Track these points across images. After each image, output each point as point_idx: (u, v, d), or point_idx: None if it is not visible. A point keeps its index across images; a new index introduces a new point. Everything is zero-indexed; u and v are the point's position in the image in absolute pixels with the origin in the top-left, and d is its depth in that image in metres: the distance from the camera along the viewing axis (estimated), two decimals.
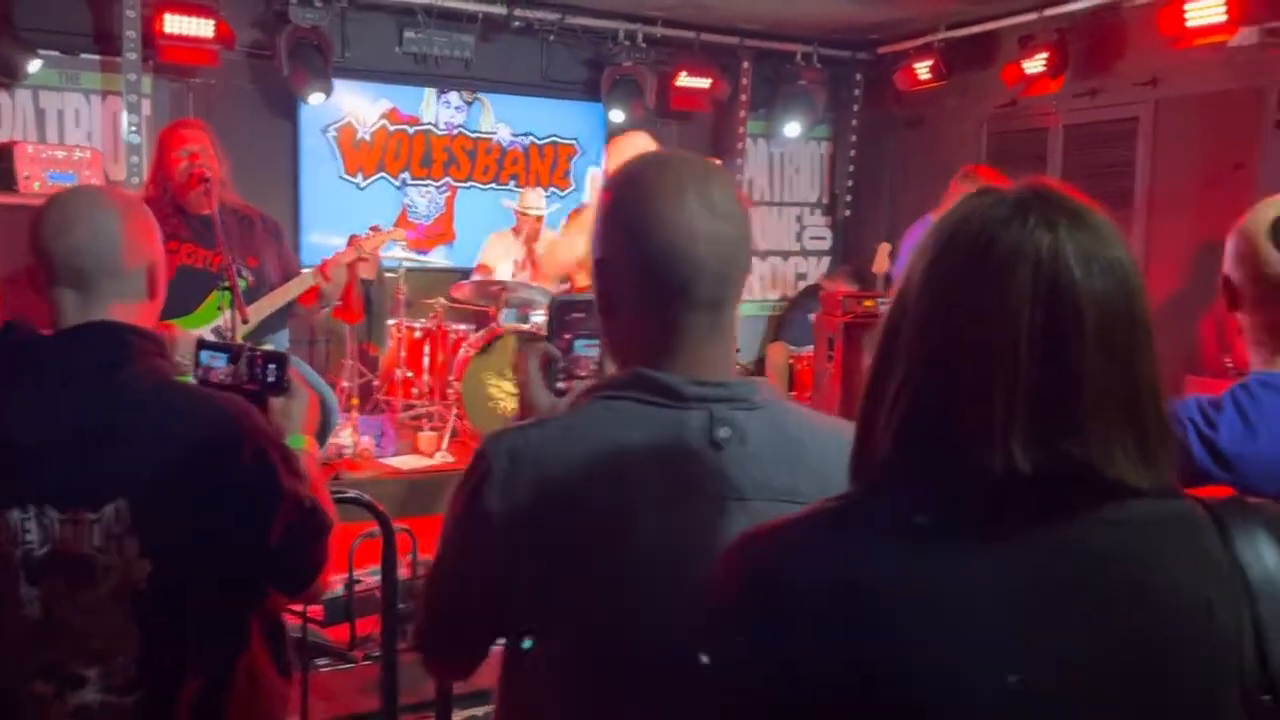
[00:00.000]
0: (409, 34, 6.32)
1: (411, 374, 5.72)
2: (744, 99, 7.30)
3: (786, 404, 1.17)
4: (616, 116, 6.65)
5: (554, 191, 6.91)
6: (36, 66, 5.45)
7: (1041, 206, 0.78)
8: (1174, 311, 5.59)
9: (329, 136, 6.40)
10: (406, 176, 6.66)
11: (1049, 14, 5.94)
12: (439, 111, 6.69)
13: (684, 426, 1.07)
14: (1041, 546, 0.76)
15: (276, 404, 1.64)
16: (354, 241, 3.88)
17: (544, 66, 6.83)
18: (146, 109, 5.66)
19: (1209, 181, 5.36)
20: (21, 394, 1.41)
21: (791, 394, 6.93)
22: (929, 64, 6.63)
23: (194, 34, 5.46)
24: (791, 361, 6.97)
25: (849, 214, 7.94)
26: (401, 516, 3.11)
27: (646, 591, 1.05)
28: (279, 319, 3.57)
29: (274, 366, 1.65)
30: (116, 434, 1.38)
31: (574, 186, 7.09)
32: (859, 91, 7.70)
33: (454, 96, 6.71)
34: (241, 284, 3.16)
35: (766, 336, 7.77)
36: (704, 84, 6.89)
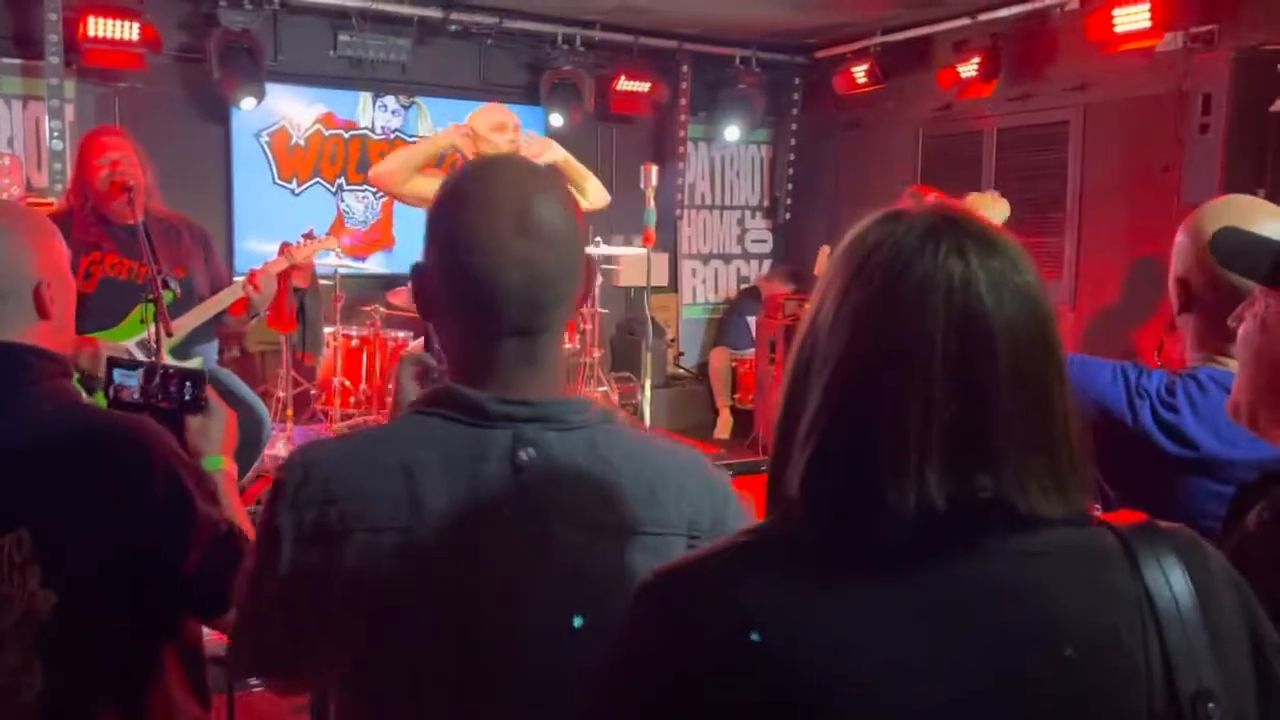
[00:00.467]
0: (343, 37, 6.23)
1: (349, 382, 5.64)
2: (684, 103, 7.32)
3: (616, 428, 1.09)
4: (556, 120, 6.62)
5: None
6: None
7: (951, 232, 0.77)
8: (1104, 310, 5.72)
9: (262, 141, 6.28)
10: (342, 182, 6.56)
11: (982, 19, 6.04)
12: (375, 115, 6.60)
13: (487, 446, 1.02)
14: (949, 579, 0.75)
15: (194, 423, 1.58)
16: (285, 250, 3.80)
17: (482, 70, 6.77)
18: (70, 114, 5.49)
19: (1137, 183, 5.48)
20: None
21: (736, 397, 6.96)
22: (865, 68, 6.70)
23: (118, 37, 5.33)
24: (734, 365, 6.99)
25: (789, 217, 7.99)
26: None
27: (431, 618, 0.99)
28: (207, 330, 3.49)
29: (190, 384, 1.59)
30: (15, 460, 1.32)
31: None
32: (798, 95, 7.75)
33: (390, 100, 6.63)
34: (168, 296, 3.06)
35: (708, 340, 7.79)
36: (643, 88, 6.90)
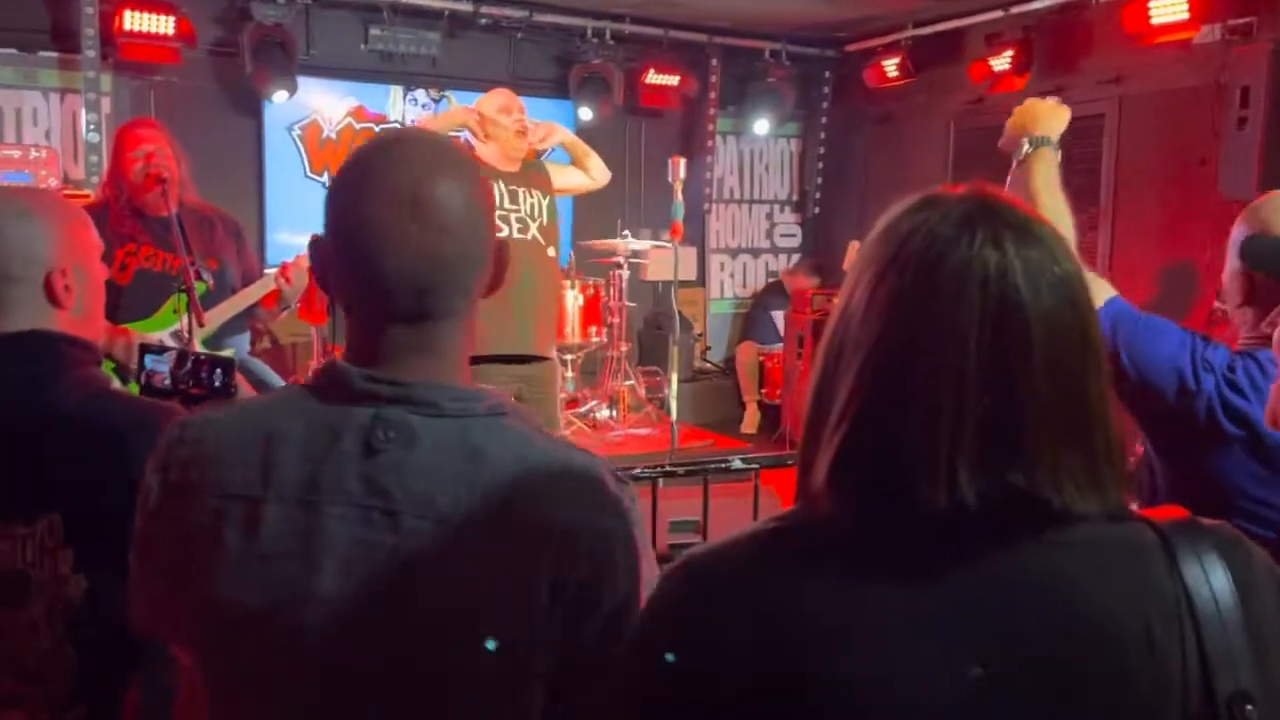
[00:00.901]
0: (374, 31, 6.26)
1: None
2: (713, 96, 7.29)
3: (504, 422, 1.00)
4: (585, 114, 6.62)
5: None
6: None
7: (988, 221, 0.75)
8: (1139, 305, 5.64)
9: (294, 135, 6.33)
10: None
11: (1015, 12, 5.97)
12: (406, 109, 6.63)
13: (345, 423, 0.96)
14: (978, 577, 0.73)
15: None
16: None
17: (511, 64, 6.78)
18: (106, 107, 5.57)
19: (1173, 177, 5.41)
20: None
21: (763, 392, 6.94)
22: (897, 61, 6.65)
23: (154, 30, 5.38)
24: (762, 360, 6.97)
25: (818, 211, 7.95)
26: None
27: (271, 595, 0.95)
28: (239, 322, 3.51)
29: (220, 371, 1.61)
30: (47, 446, 1.34)
31: None
32: (828, 89, 7.71)
33: (421, 94, 6.66)
34: (201, 287, 3.10)
35: (735, 335, 7.77)
36: (672, 81, 6.88)
